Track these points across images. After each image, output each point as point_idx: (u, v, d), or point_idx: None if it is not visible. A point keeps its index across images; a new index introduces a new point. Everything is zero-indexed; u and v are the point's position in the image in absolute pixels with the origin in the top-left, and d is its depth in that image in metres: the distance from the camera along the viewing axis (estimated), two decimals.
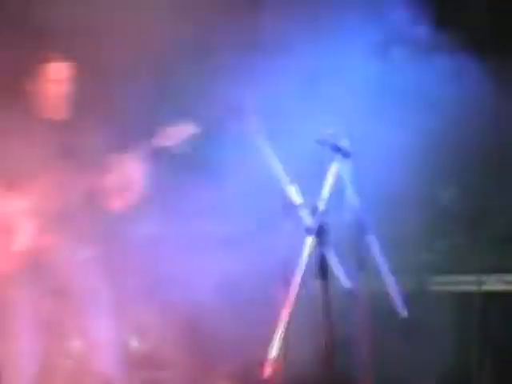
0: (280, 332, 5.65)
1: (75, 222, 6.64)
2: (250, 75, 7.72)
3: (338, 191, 5.90)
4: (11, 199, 6.48)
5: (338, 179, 5.86)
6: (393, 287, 5.95)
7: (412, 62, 8.53)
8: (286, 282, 5.78)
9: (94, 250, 6.73)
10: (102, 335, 6.58)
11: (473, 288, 7.90)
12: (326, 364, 5.28)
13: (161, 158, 6.83)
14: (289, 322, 5.62)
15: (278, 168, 6.08)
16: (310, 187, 5.97)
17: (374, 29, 8.44)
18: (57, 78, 6.91)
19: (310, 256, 5.78)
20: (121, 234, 7.39)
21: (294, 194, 5.98)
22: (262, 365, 5.66)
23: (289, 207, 5.97)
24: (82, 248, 6.63)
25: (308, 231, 5.75)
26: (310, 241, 5.76)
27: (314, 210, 5.77)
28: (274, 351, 5.59)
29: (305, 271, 5.76)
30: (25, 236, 6.45)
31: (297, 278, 5.73)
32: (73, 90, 7.07)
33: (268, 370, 5.67)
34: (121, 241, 7.40)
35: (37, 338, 6.55)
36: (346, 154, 5.77)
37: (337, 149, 5.80)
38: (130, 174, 6.73)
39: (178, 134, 6.77)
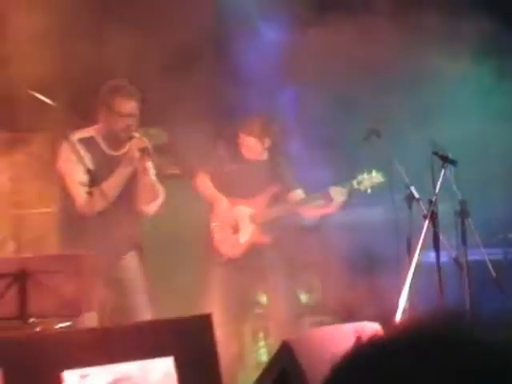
0: (407, 289, 6.45)
1: (277, 227, 7.65)
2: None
3: (446, 188, 6.80)
4: (240, 207, 7.57)
5: (446, 179, 6.75)
6: (486, 257, 6.89)
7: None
8: (411, 253, 6.63)
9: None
10: (281, 292, 7.65)
11: None
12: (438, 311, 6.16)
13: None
14: (412, 282, 6.45)
15: (402, 172, 6.92)
16: (426, 185, 6.91)
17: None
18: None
19: (426, 234, 6.63)
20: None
21: (414, 191, 6.83)
22: (395, 312, 6.44)
23: (410, 200, 6.79)
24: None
25: (424, 216, 6.65)
26: (426, 223, 6.65)
27: (429, 202, 6.69)
28: (402, 302, 6.43)
29: (422, 245, 6.62)
30: (246, 233, 7.59)
31: (417, 250, 6.59)
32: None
33: (400, 317, 6.41)
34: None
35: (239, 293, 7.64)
36: (452, 162, 6.71)
37: (445, 158, 6.74)
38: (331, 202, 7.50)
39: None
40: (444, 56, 8.40)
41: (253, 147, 7.61)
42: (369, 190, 7.42)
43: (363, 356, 1.36)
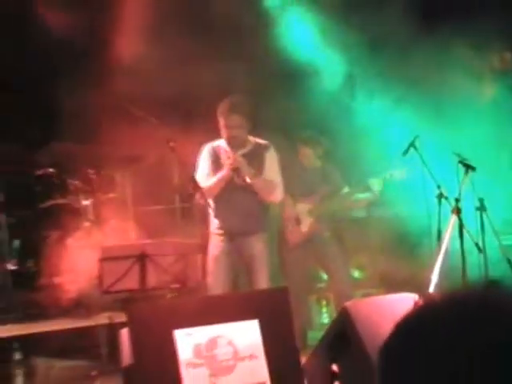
0: (437, 267, 6.31)
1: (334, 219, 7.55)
2: None
3: (467, 188, 6.65)
4: (301, 204, 7.39)
5: (467, 181, 6.62)
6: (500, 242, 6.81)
7: None
8: (440, 239, 6.50)
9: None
10: (338, 270, 7.51)
11: None
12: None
13: None
14: (442, 263, 6.34)
15: (434, 175, 6.78)
16: (452, 186, 6.73)
17: None
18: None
19: (452, 224, 6.50)
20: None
21: (443, 190, 6.71)
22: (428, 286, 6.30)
23: (440, 197, 6.66)
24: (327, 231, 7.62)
25: (452, 210, 6.53)
26: (452, 216, 6.54)
27: (455, 200, 6.55)
28: (434, 278, 6.30)
29: (450, 233, 6.47)
30: (306, 225, 7.43)
31: (446, 236, 6.46)
32: None
33: (432, 290, 6.24)
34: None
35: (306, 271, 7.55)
36: (471, 168, 6.62)
37: (468, 166, 6.64)
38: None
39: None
40: (468, 75, 8.10)
41: (309, 156, 7.57)
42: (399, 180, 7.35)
43: (422, 317, 1.28)
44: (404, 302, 5.26)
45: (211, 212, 6.71)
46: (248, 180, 6.53)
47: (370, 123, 8.24)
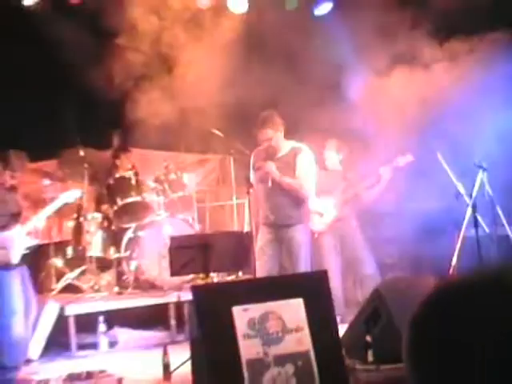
0: (456, 253, 6.52)
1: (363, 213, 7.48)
2: None
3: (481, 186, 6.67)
4: (324, 199, 7.32)
5: (482, 181, 6.65)
6: (509, 232, 6.72)
7: None
8: (458, 230, 6.65)
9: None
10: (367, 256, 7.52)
11: None
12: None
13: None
14: (459, 250, 6.55)
15: (453, 175, 6.84)
16: (468, 184, 6.77)
17: None
18: None
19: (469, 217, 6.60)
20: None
21: (461, 188, 6.78)
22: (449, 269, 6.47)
23: (458, 194, 6.75)
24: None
25: (468, 205, 6.62)
26: (468, 209, 6.64)
27: (470, 195, 6.64)
28: (453, 262, 6.49)
29: (466, 224, 6.61)
30: (329, 217, 7.41)
31: (463, 228, 6.61)
32: None
33: (452, 272, 6.44)
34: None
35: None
36: (485, 169, 6.63)
37: (482, 168, 6.65)
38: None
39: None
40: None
41: (332, 159, 7.56)
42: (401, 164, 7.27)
43: (445, 295, 1.23)
44: (428, 283, 5.27)
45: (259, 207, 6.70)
46: (270, 183, 6.43)
47: None
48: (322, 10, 8.58)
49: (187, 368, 5.25)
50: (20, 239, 6.15)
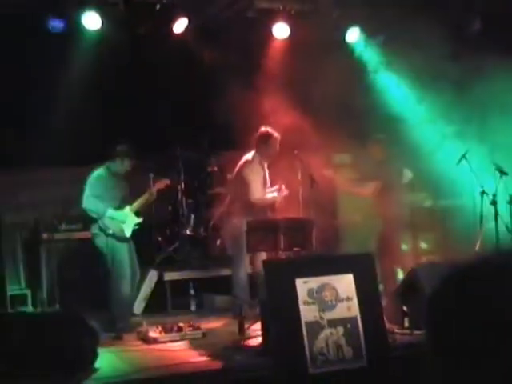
0: (478, 243, 6.29)
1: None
2: None
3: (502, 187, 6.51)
4: (362, 191, 6.97)
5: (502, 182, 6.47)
6: None
7: None
8: (481, 224, 6.48)
9: None
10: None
11: None
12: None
13: None
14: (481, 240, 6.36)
15: (478, 177, 6.62)
16: (491, 185, 6.57)
17: None
18: None
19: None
20: None
21: (484, 188, 6.54)
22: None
23: (482, 193, 6.50)
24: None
25: (490, 202, 6.47)
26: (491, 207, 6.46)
27: (492, 195, 6.47)
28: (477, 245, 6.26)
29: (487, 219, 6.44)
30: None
31: (484, 222, 6.43)
32: None
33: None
34: None
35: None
36: (505, 173, 6.46)
37: (501, 170, 6.48)
38: None
39: None
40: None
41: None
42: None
43: (461, 272, 1.14)
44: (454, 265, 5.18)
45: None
46: None
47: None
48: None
49: (257, 327, 5.37)
50: (132, 217, 6.32)
